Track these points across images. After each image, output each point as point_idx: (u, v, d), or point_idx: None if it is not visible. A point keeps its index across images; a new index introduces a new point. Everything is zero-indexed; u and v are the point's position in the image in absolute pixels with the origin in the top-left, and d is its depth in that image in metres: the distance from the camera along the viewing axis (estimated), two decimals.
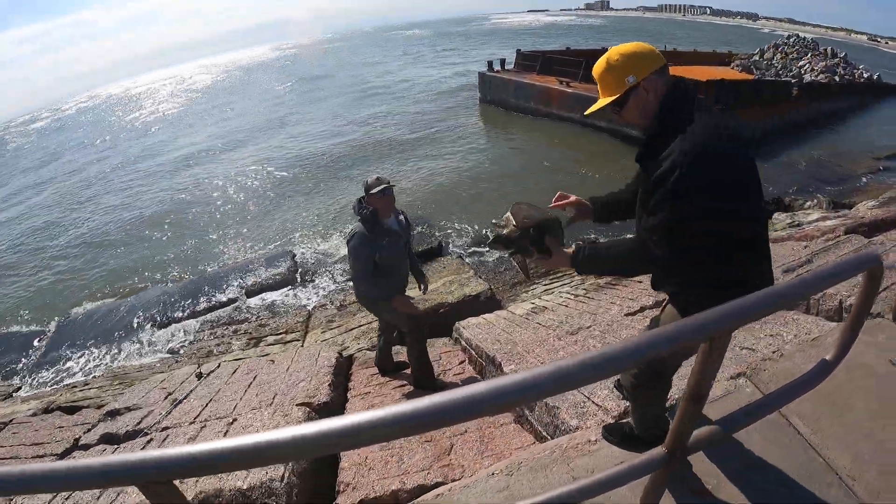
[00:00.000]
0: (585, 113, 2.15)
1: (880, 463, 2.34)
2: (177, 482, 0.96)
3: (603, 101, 1.99)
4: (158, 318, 11.23)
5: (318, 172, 20.53)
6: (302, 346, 7.94)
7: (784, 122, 21.39)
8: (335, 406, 4.58)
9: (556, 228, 2.30)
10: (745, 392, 2.96)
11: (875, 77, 32.43)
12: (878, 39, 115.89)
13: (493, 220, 2.36)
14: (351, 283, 8.71)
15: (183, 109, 46.22)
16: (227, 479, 3.13)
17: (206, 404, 4.83)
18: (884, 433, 2.50)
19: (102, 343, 10.74)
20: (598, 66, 1.98)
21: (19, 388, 9.50)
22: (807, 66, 29.76)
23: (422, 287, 4.81)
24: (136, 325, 11.17)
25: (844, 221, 8.55)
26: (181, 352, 9.51)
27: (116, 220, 18.92)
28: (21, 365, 10.48)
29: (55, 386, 9.32)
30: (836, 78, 28.63)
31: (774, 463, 2.43)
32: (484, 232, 13.59)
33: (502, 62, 26.96)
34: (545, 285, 9.55)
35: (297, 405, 4.36)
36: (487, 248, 12.34)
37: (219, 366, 6.26)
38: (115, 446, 4.51)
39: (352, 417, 0.86)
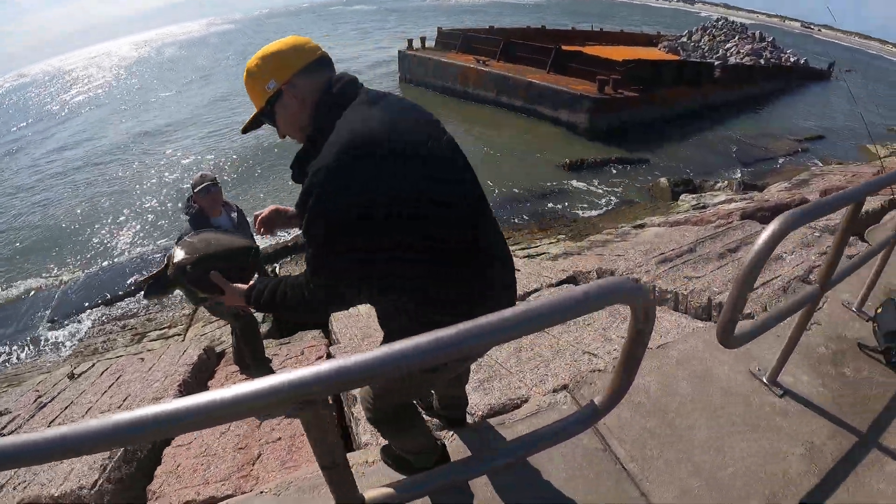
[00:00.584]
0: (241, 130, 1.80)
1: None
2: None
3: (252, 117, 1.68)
4: (55, 315, 10.49)
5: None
6: (182, 340, 7.42)
7: (707, 103, 21.52)
8: None
9: (238, 258, 2.09)
10: (561, 409, 2.60)
11: (802, 62, 33.12)
12: (812, 27, 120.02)
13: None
14: None
15: (112, 89, 43.90)
16: (46, 485, 3.04)
17: (66, 407, 4.51)
18: (722, 461, 2.18)
19: None
20: (244, 75, 1.62)
21: None
22: (733, 48, 30.16)
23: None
24: (32, 323, 10.44)
25: (748, 205, 8.29)
26: (69, 350, 8.98)
27: (17, 207, 17.61)
28: None
29: None
30: (762, 61, 29.11)
31: (575, 497, 2.09)
32: None
33: (423, 40, 26.11)
34: None
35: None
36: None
37: (93, 365, 5.81)
38: None
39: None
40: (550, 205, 12.68)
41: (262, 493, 2.37)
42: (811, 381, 2.63)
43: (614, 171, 14.70)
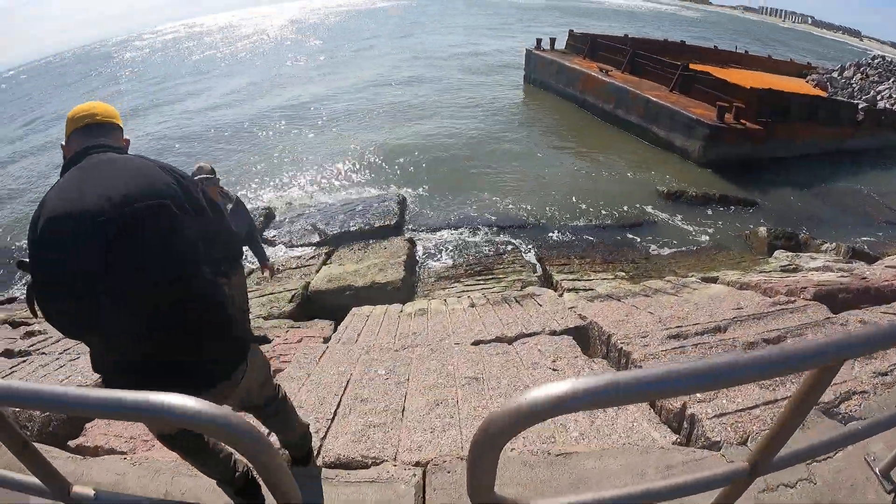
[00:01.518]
0: None
1: None
2: None
3: None
4: None
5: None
6: None
7: (842, 147, 18.98)
8: None
9: None
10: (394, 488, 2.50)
11: None
12: None
13: None
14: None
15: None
16: None
17: None
18: None
19: None
20: None
21: None
22: (886, 91, 27.06)
23: (265, 272, 5.34)
24: None
25: (841, 278, 6.99)
26: None
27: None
28: None
29: None
30: None
31: None
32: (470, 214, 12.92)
33: (552, 41, 25.27)
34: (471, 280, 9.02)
35: None
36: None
37: None
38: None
39: None
40: (629, 235, 11.72)
41: None
42: None
43: (714, 210, 13.21)
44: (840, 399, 2.88)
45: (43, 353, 5.36)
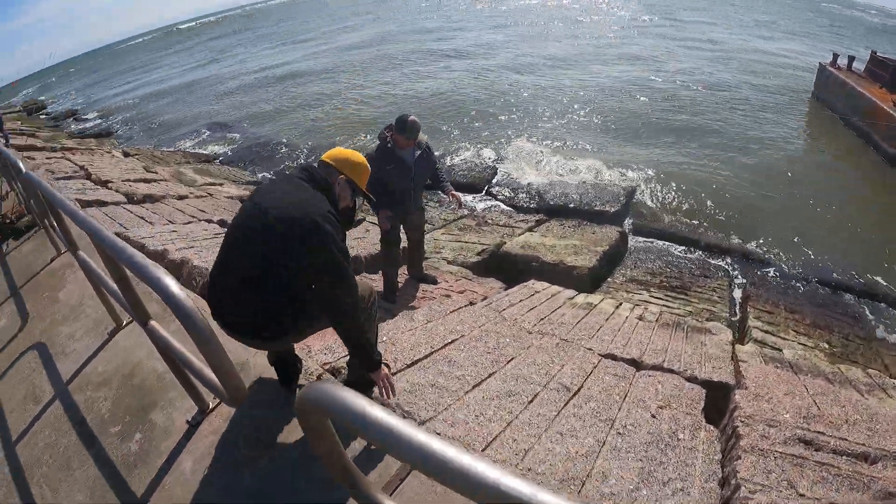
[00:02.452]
0: None
1: None
2: None
3: None
4: None
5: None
6: None
7: None
8: None
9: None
10: None
11: None
12: None
13: None
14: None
15: None
16: None
17: None
18: None
19: None
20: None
21: None
22: None
23: (452, 201, 5.48)
24: None
25: None
26: None
27: None
28: None
29: None
30: None
31: None
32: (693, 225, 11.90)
33: (850, 59, 21.79)
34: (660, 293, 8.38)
35: None
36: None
37: None
38: None
39: None
40: (862, 305, 9.60)
41: None
42: None
43: None
44: None
45: None
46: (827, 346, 7.44)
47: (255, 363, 2.93)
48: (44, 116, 41.83)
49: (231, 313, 2.29)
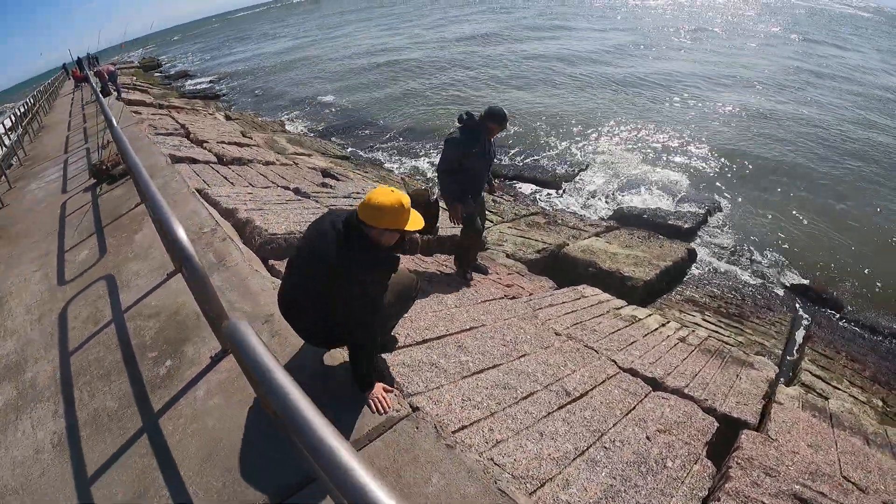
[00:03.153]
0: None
1: None
2: None
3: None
4: None
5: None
6: None
7: None
8: None
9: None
10: None
11: None
12: None
13: None
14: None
15: None
16: None
17: None
18: None
19: None
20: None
21: None
22: None
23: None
24: None
25: None
26: None
27: None
28: None
29: None
30: None
31: None
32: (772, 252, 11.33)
33: None
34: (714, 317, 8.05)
35: None
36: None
37: None
38: None
39: None
40: None
41: None
42: None
43: None
44: None
45: None
46: (881, 404, 6.90)
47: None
48: (158, 75, 44.66)
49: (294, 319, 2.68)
